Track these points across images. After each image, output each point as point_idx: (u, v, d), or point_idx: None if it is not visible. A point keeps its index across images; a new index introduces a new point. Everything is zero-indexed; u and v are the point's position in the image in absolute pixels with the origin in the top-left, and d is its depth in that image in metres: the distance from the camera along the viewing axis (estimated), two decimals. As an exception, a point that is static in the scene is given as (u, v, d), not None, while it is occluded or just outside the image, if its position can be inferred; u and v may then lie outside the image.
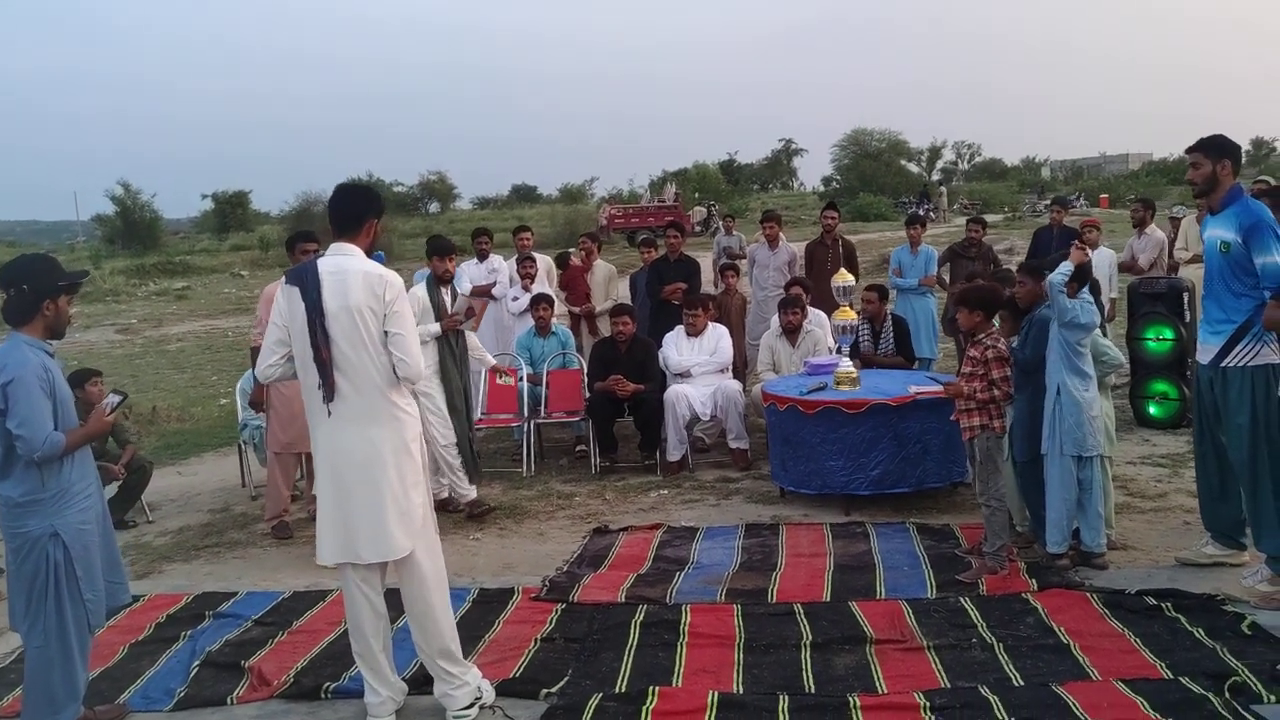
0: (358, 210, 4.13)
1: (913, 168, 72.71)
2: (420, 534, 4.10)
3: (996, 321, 5.69)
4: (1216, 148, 5.08)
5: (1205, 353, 5.09)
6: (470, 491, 6.98)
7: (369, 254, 4.18)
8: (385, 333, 4.00)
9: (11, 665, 4.92)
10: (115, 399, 4.36)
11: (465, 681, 4.12)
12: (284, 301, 4.07)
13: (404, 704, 4.19)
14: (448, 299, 6.98)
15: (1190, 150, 5.18)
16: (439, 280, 6.99)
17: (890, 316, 8.50)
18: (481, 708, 4.14)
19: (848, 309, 7.34)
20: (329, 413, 4.00)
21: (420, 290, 6.88)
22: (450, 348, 6.89)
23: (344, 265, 4.02)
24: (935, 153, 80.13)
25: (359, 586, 4.09)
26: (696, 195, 51.00)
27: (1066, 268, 5.26)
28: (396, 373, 4.02)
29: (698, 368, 8.10)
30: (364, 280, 3.99)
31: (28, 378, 3.88)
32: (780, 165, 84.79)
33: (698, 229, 36.62)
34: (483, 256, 9.81)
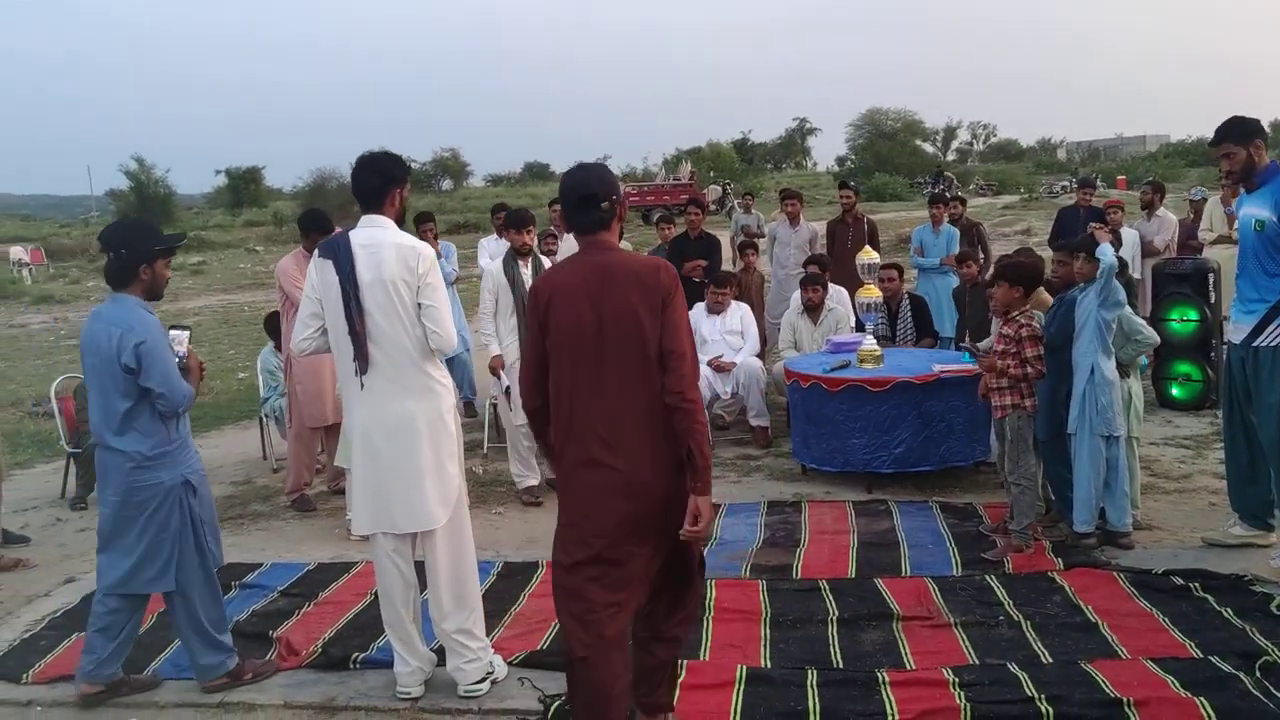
0: (380, 182, 4.09)
1: (928, 148, 72.32)
2: (455, 506, 4.12)
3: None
4: (1243, 132, 5.01)
5: (1237, 332, 5.05)
6: (529, 477, 6.79)
7: (399, 224, 4.17)
8: (419, 304, 4.00)
9: (42, 632, 4.96)
10: (184, 334, 4.40)
11: (478, 656, 4.13)
12: (316, 275, 4.07)
13: (432, 674, 4.20)
14: (528, 274, 6.63)
15: (1216, 143, 5.10)
16: (517, 254, 6.67)
17: (907, 295, 8.47)
18: (493, 683, 4.15)
19: (872, 287, 7.32)
20: (362, 385, 4.01)
21: (495, 266, 6.69)
22: (525, 322, 6.62)
23: (377, 238, 4.01)
24: (950, 133, 79.77)
25: (390, 557, 4.11)
26: (711, 174, 50.86)
27: (1109, 250, 5.21)
28: (429, 344, 4.02)
29: (729, 353, 8.01)
30: (397, 252, 3.98)
31: (158, 338, 4.07)
32: (794, 144, 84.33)
33: (713, 208, 36.50)
34: (501, 232, 9.79)
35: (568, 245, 9.83)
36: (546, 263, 6.88)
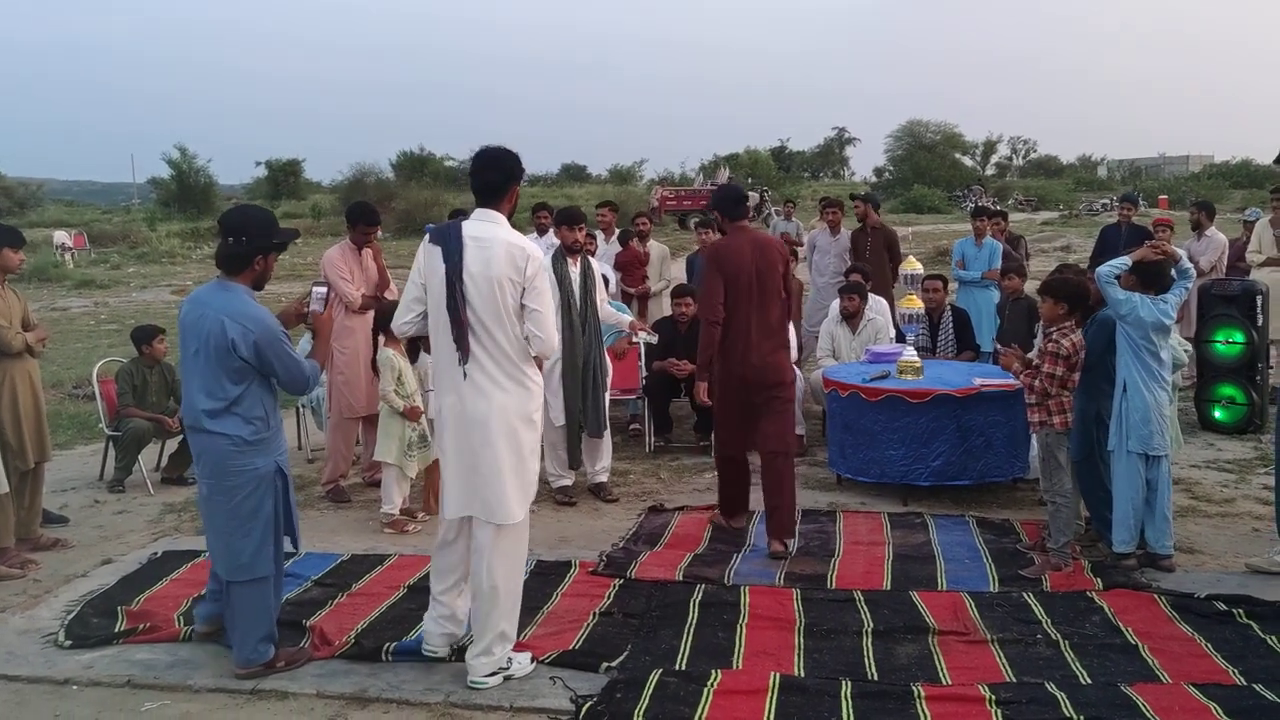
0: (499, 177, 4.16)
1: (967, 161, 71.83)
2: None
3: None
4: None
5: (1291, 356, 4.97)
6: (564, 478, 6.79)
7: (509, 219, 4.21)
8: (522, 305, 4.06)
9: (82, 612, 4.98)
10: (321, 290, 4.49)
11: (491, 650, 4.13)
12: (424, 260, 4.14)
13: (460, 640, 4.32)
14: (575, 273, 6.66)
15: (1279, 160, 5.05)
16: (567, 251, 6.64)
17: (950, 308, 8.40)
18: (506, 678, 4.15)
19: (914, 297, 7.25)
20: (465, 374, 4.06)
21: (545, 263, 6.66)
22: (570, 321, 6.50)
23: (490, 234, 4.06)
24: (990, 147, 79.11)
25: (461, 540, 4.24)
26: (749, 180, 50.76)
27: (1119, 262, 5.19)
28: (531, 348, 4.09)
29: None
30: (507, 251, 4.02)
31: (273, 330, 4.11)
32: (832, 154, 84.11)
33: (750, 214, 36.46)
34: (542, 231, 9.81)
35: (607, 247, 9.87)
36: (594, 262, 6.91)
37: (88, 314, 18.21)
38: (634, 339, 7.95)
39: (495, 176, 4.15)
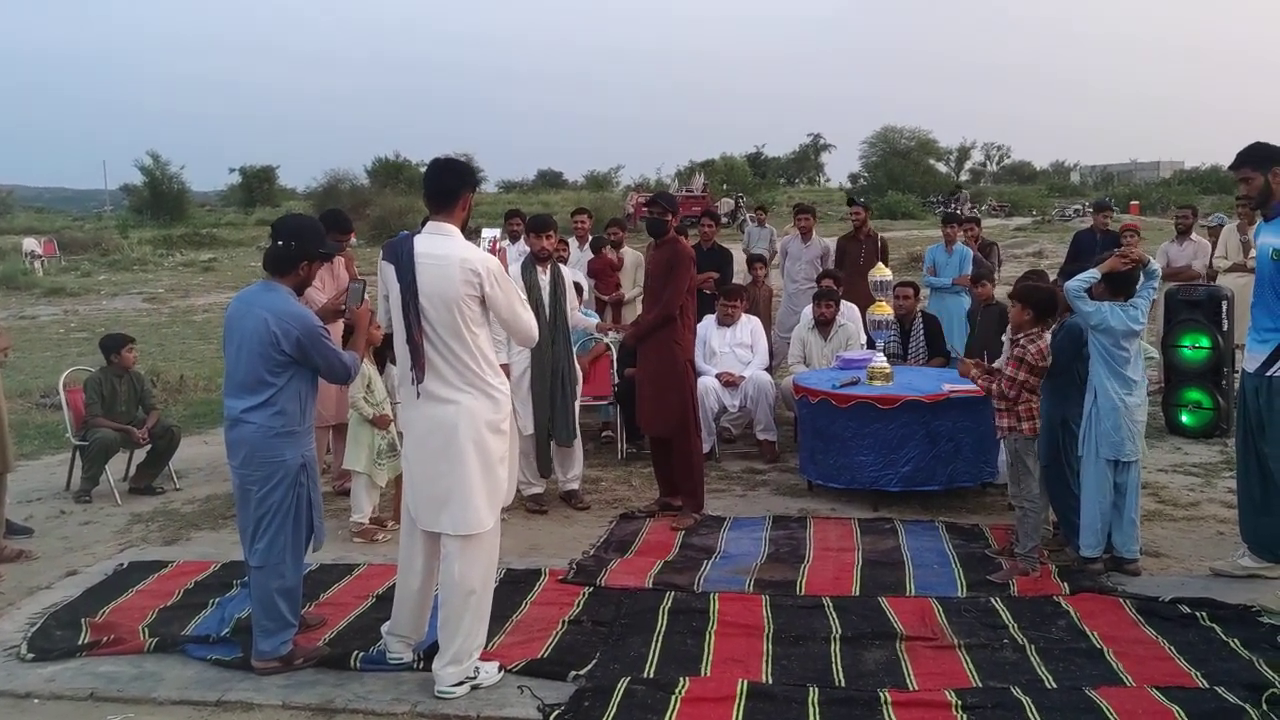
0: (452, 185, 4.17)
1: (941, 167, 72.23)
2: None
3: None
4: (1262, 158, 5.00)
5: (1251, 361, 5.02)
6: (535, 486, 6.77)
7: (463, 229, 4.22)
8: (488, 316, 4.11)
9: (46, 624, 4.93)
10: (358, 286, 4.65)
11: (458, 660, 4.12)
12: (381, 274, 4.21)
13: (424, 646, 4.36)
14: (545, 280, 6.62)
15: (1236, 167, 5.09)
16: (536, 259, 6.61)
17: (920, 314, 8.44)
18: (474, 687, 4.14)
19: (884, 304, 7.29)
20: (418, 394, 4.08)
21: (515, 271, 6.60)
22: (540, 330, 6.52)
23: (443, 249, 4.05)
24: (964, 153, 79.63)
25: (424, 552, 4.24)
26: (724, 186, 50.88)
27: (1087, 275, 5.23)
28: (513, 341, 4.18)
29: (738, 366, 7.95)
30: (461, 270, 4.01)
31: (315, 328, 4.23)
32: (808, 160, 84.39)
33: (725, 220, 36.49)
34: (515, 238, 9.80)
35: (581, 254, 9.87)
36: (565, 270, 6.90)
37: (57, 322, 18.03)
38: (605, 340, 7.95)
39: (452, 181, 4.17)
